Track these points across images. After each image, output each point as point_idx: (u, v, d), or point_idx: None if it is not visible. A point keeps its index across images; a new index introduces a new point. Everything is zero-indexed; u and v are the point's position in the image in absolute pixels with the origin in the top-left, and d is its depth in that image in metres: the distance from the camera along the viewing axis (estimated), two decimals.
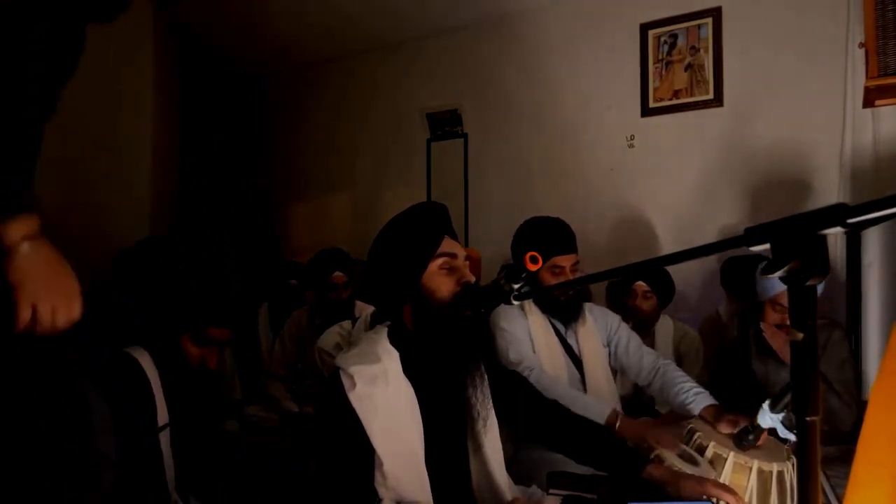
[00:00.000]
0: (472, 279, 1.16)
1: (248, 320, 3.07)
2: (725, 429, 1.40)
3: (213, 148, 4.22)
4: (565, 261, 1.71)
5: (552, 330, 1.79)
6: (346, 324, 2.16)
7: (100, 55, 2.70)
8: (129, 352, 1.16)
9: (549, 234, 1.74)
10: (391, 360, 1.13)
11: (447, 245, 1.17)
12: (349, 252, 2.64)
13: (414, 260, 1.15)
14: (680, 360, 2.44)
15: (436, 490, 1.10)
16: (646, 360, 1.77)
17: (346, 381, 1.09)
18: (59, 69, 0.90)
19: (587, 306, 1.88)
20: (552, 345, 1.76)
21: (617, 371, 1.95)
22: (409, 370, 1.15)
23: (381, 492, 1.05)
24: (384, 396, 1.08)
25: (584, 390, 1.73)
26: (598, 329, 1.84)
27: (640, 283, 2.41)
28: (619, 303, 2.57)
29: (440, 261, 1.15)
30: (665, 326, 2.49)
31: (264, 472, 1.74)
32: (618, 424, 1.50)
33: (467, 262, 1.19)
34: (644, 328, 2.48)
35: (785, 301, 1.91)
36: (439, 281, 1.14)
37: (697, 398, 1.56)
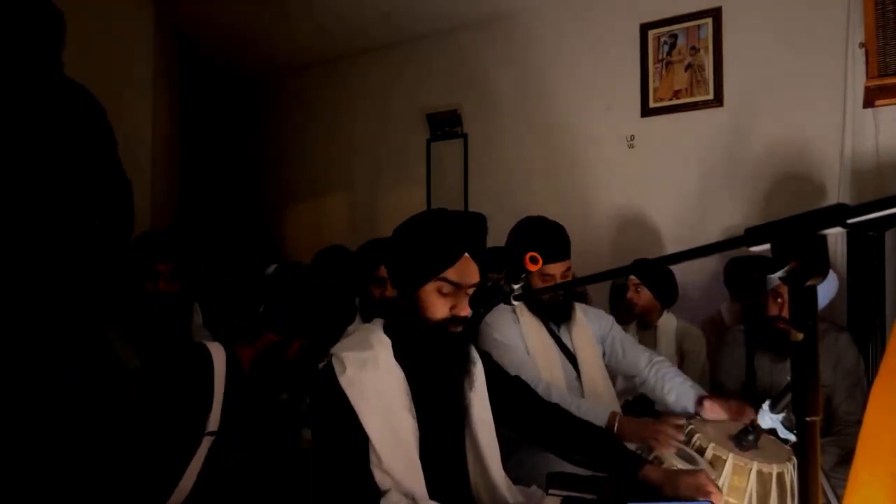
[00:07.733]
0: (468, 314, 1.15)
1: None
2: (712, 411, 1.46)
3: (213, 150, 4.23)
4: (557, 269, 1.68)
5: (545, 330, 1.78)
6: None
7: (101, 59, 2.72)
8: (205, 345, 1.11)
9: (545, 241, 1.69)
10: (383, 347, 1.15)
11: (457, 270, 1.12)
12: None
13: (415, 272, 1.14)
14: (682, 358, 2.45)
15: (434, 487, 1.11)
16: (641, 359, 1.77)
17: (337, 367, 1.10)
18: None
19: (580, 307, 1.87)
20: (547, 344, 1.75)
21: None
22: (401, 358, 1.16)
23: (377, 475, 1.06)
24: (373, 380, 1.10)
25: (581, 387, 1.73)
26: (591, 328, 1.84)
27: (632, 276, 2.50)
28: (622, 303, 2.58)
29: (440, 284, 1.13)
30: (668, 323, 2.50)
31: (265, 471, 1.73)
32: (616, 426, 1.50)
33: (472, 290, 1.16)
34: (645, 323, 2.50)
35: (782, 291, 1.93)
36: (433, 301, 1.14)
37: (690, 392, 1.58)
